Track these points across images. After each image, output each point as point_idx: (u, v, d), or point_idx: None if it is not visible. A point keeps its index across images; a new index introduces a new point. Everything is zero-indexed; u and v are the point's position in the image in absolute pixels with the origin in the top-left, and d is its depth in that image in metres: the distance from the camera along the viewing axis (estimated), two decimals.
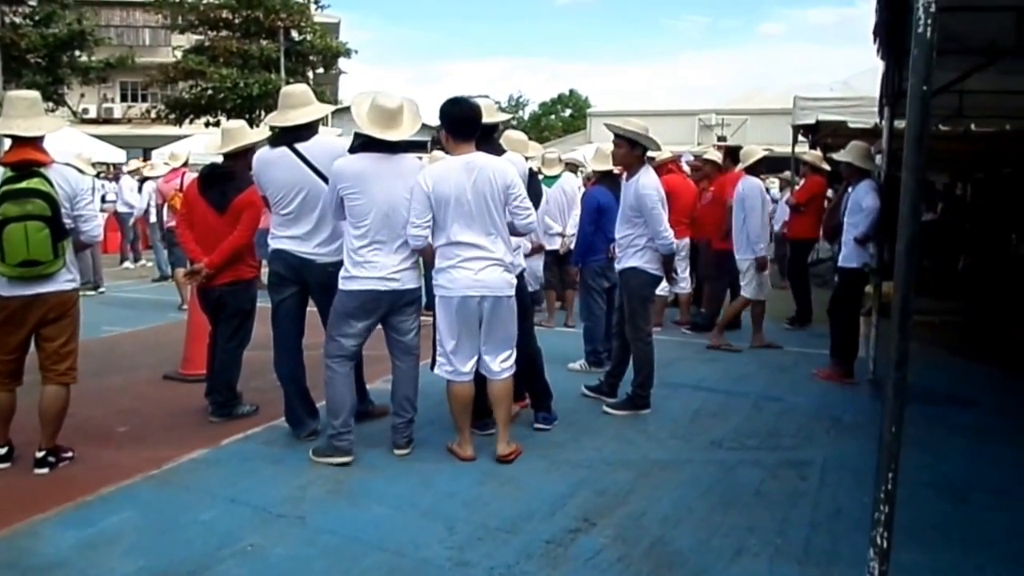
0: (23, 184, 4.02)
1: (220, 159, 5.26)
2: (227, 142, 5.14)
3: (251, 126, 19.14)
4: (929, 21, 2.33)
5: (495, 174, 4.21)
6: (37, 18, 23.03)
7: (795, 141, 11.88)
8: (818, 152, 8.76)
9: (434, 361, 4.52)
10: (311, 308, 4.80)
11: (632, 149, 5.31)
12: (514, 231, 4.38)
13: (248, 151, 5.08)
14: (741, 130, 26.82)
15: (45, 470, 4.24)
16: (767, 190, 14.75)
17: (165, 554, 3.35)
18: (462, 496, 3.96)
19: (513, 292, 4.35)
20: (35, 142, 4.15)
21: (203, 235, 5.11)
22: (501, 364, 4.39)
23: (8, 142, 4.21)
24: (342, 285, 4.37)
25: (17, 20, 22.83)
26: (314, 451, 4.51)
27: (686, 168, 9.06)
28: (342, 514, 3.76)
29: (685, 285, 8.49)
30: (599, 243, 6.55)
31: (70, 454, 4.40)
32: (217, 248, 5.02)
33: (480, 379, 4.46)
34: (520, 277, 4.76)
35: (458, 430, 4.47)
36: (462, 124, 4.27)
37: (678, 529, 3.64)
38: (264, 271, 4.94)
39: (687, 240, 8.31)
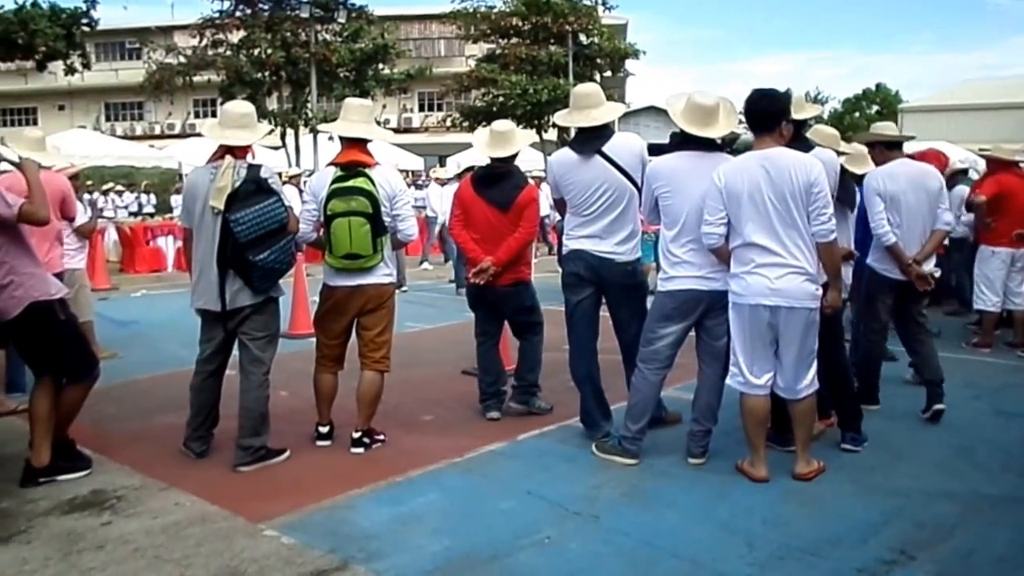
0: (350, 183, 4.64)
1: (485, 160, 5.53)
2: (504, 145, 5.36)
3: (539, 131, 20.01)
4: None
5: (796, 171, 4.07)
6: (346, 34, 25.70)
7: None
8: None
9: (726, 370, 4.52)
10: (604, 313, 5.02)
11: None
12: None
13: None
14: None
15: (360, 450, 4.84)
16: None
17: (468, 537, 3.70)
18: (761, 512, 3.95)
19: (816, 304, 4.17)
20: (363, 145, 4.78)
21: (486, 235, 5.38)
22: (800, 383, 4.26)
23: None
24: (660, 286, 4.52)
25: (328, 37, 25.62)
26: (599, 446, 4.74)
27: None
28: (636, 517, 3.91)
29: (1021, 301, 7.68)
30: None
31: (382, 437, 4.98)
32: (503, 245, 5.29)
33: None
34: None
35: (751, 448, 4.40)
36: (765, 116, 4.22)
37: (1018, 574, 3.38)
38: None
39: None
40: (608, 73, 30.94)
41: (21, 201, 4.18)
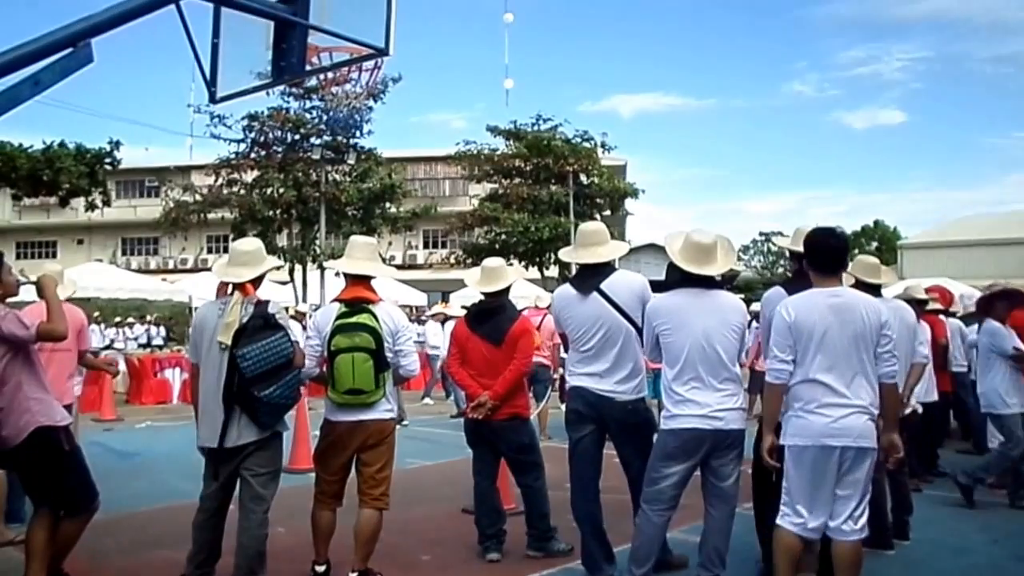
0: (353, 319, 4.63)
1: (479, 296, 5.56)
2: (494, 281, 5.41)
3: (541, 268, 20.29)
4: None
5: (868, 312, 4.02)
6: (355, 175, 26.42)
7: None
8: None
9: (733, 512, 4.37)
10: (608, 451, 4.88)
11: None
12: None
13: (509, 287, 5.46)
14: None
15: None
16: None
17: None
18: None
19: (875, 443, 4.02)
20: (367, 282, 4.81)
21: (482, 370, 5.34)
22: (854, 522, 4.00)
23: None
24: (663, 425, 4.41)
25: (338, 177, 26.35)
26: None
27: None
28: None
29: None
30: None
31: None
32: (500, 379, 5.23)
33: None
34: None
35: None
36: (832, 255, 4.18)
37: None
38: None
39: None
40: (608, 212, 31.59)
41: (38, 322, 4.22)
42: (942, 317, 8.69)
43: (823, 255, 4.18)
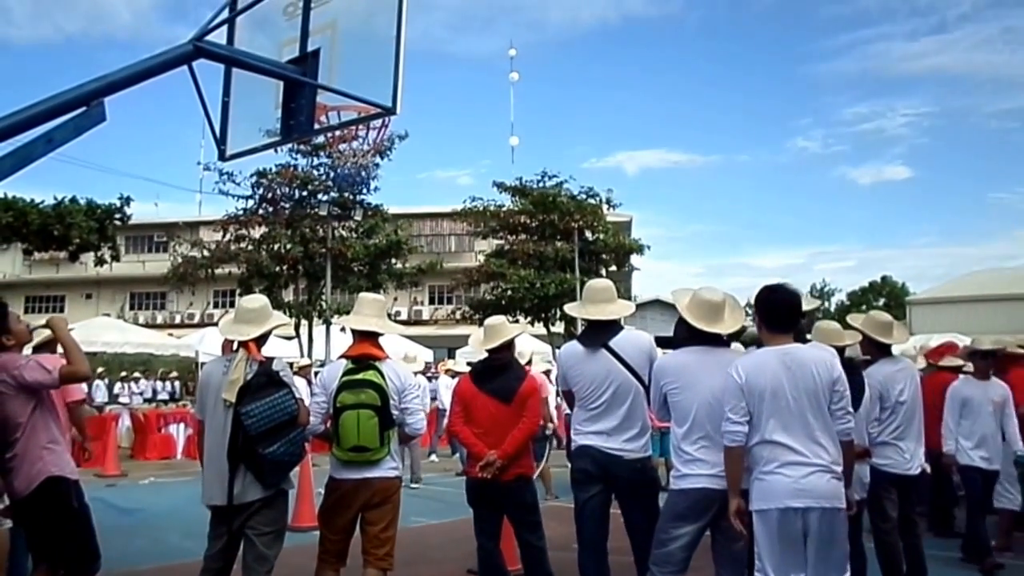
0: (360, 375, 4.61)
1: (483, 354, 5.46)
2: (494, 337, 5.34)
3: (547, 324, 20.17)
4: None
5: (819, 367, 3.97)
6: (361, 231, 26.54)
7: None
8: None
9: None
10: (614, 510, 4.80)
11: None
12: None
13: (511, 344, 5.40)
14: None
15: None
16: None
17: None
18: None
19: (844, 503, 3.93)
20: (375, 338, 4.79)
21: (489, 428, 5.24)
22: None
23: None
24: (674, 484, 4.31)
25: (344, 233, 26.47)
26: None
27: None
28: None
29: None
30: None
31: None
32: (508, 438, 5.13)
33: None
34: None
35: None
36: (782, 312, 4.13)
37: None
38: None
39: None
40: (613, 268, 31.59)
41: (59, 364, 4.25)
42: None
43: (775, 311, 4.14)
